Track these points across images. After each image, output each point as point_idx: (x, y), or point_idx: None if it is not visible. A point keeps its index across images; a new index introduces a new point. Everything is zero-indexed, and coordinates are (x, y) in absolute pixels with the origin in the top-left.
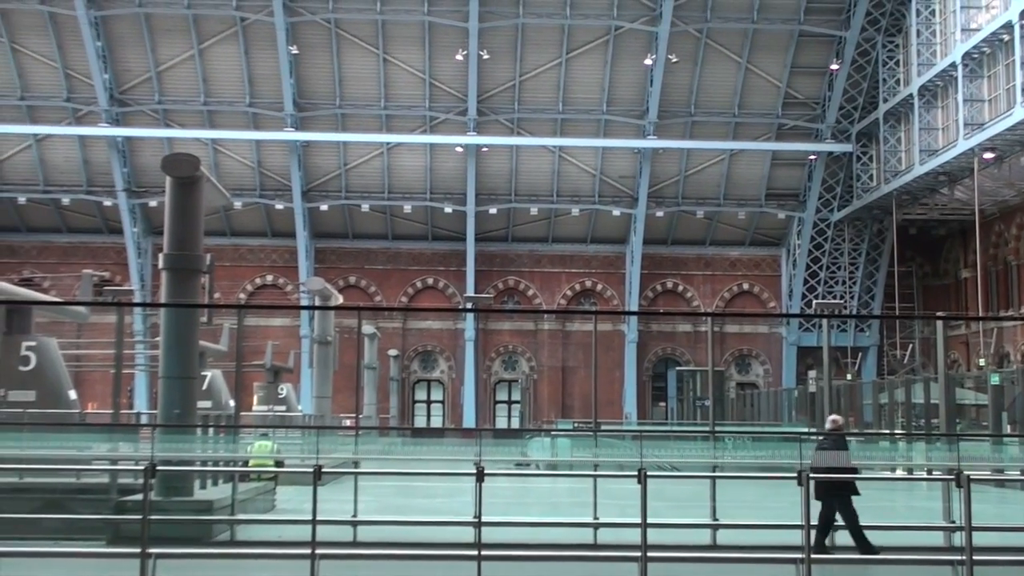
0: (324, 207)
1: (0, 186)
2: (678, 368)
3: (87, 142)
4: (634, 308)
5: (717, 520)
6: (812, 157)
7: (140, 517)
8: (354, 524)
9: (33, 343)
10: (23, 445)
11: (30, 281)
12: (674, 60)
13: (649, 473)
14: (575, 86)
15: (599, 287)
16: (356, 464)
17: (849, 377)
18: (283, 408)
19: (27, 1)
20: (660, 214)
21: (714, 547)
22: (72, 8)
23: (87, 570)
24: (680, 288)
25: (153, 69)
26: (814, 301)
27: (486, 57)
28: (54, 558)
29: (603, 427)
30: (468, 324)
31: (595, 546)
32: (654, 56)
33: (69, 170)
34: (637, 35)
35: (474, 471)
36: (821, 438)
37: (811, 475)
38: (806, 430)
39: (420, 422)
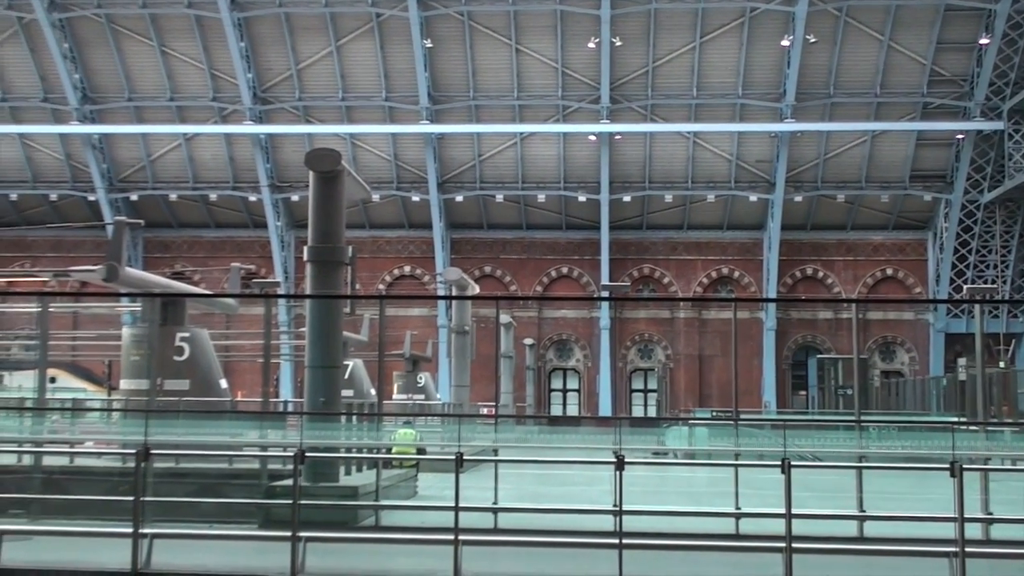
0: (459, 198)
1: (153, 184)
2: (819, 356)
3: (232, 140)
4: (772, 295)
5: (864, 511)
6: (960, 136)
7: (290, 502)
8: (495, 511)
9: (187, 334)
10: (178, 432)
11: (181, 275)
12: (812, 40)
13: (793, 463)
14: (709, 70)
15: (736, 274)
16: (495, 452)
17: (1002, 365)
18: (422, 396)
19: (175, 6)
20: (799, 199)
21: (861, 539)
22: (217, 11)
23: (240, 552)
24: (820, 274)
25: (293, 67)
26: (964, 286)
27: (618, 44)
28: (209, 540)
29: (742, 416)
30: (603, 313)
31: (737, 536)
32: (791, 37)
33: (216, 167)
34: (773, 16)
35: (612, 460)
36: None
37: None
38: (957, 419)
39: (556, 411)
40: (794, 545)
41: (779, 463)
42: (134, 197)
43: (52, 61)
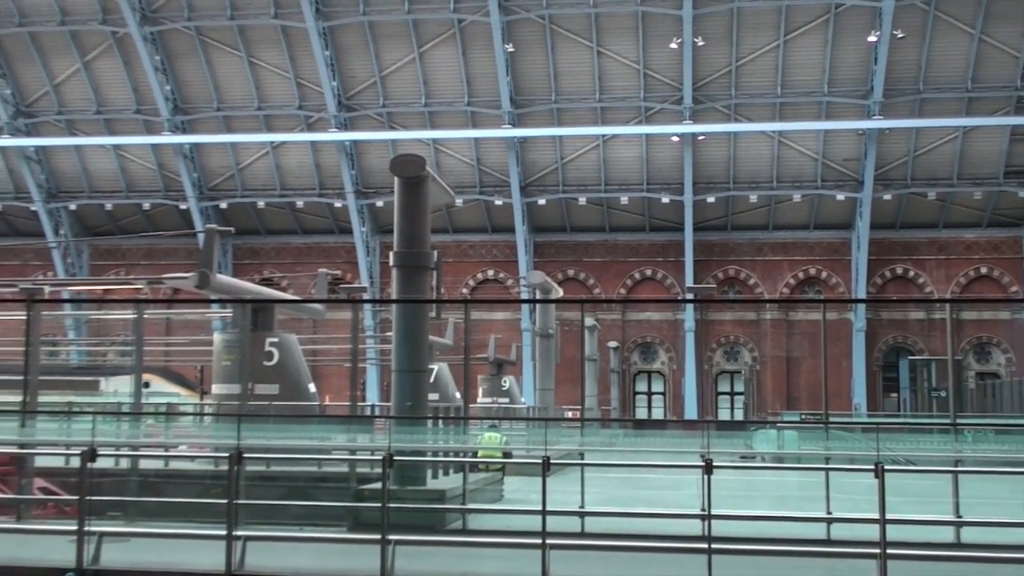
0: (542, 201)
1: (241, 192)
2: (911, 357)
3: (318, 147)
4: (861, 295)
5: (961, 517)
6: None
7: (379, 505)
8: (582, 515)
9: (275, 339)
10: (269, 435)
11: (270, 280)
12: (900, 36)
13: (886, 467)
14: (794, 68)
15: (823, 274)
16: (582, 455)
17: None
18: (506, 400)
19: (262, 16)
20: (888, 197)
21: (958, 545)
22: (302, 20)
23: (330, 554)
24: (911, 274)
25: (377, 74)
26: None
27: (701, 44)
28: (300, 543)
29: (833, 419)
30: (688, 315)
31: (829, 542)
32: (878, 32)
33: (302, 174)
34: (860, 11)
35: (699, 463)
36: None
37: None
38: None
39: (641, 413)
40: (889, 551)
41: (872, 467)
42: (223, 205)
43: (144, 74)
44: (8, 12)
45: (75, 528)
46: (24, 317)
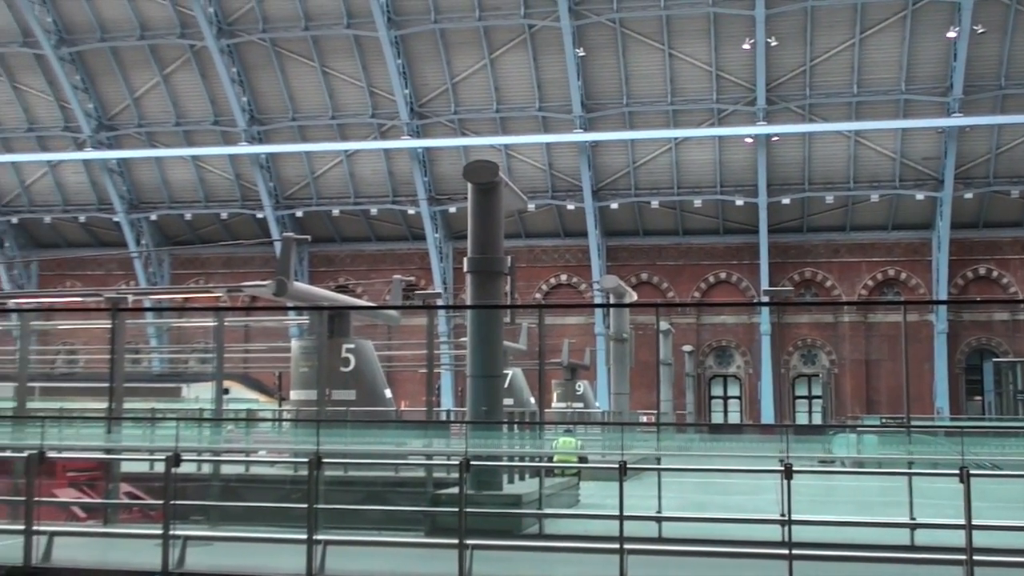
0: (614, 205)
1: (317, 200)
2: (995, 359)
3: (391, 155)
4: (943, 296)
5: None
6: None
7: (455, 509)
8: (659, 520)
9: (352, 345)
10: (346, 441)
11: (345, 288)
12: (980, 31)
13: (972, 471)
14: (870, 66)
15: (903, 276)
16: (658, 460)
17: None
18: (581, 405)
19: (335, 27)
20: (969, 196)
21: None
22: (374, 30)
23: (408, 559)
24: (994, 274)
25: (448, 81)
26: None
27: (774, 44)
28: (378, 547)
29: (915, 422)
30: (764, 318)
31: (912, 548)
32: (957, 28)
33: (376, 182)
34: (938, 7)
35: (777, 468)
36: None
37: None
38: None
39: (717, 418)
40: (975, 557)
41: (957, 472)
42: (299, 213)
43: (221, 85)
44: (90, 28)
45: (160, 532)
46: (109, 326)
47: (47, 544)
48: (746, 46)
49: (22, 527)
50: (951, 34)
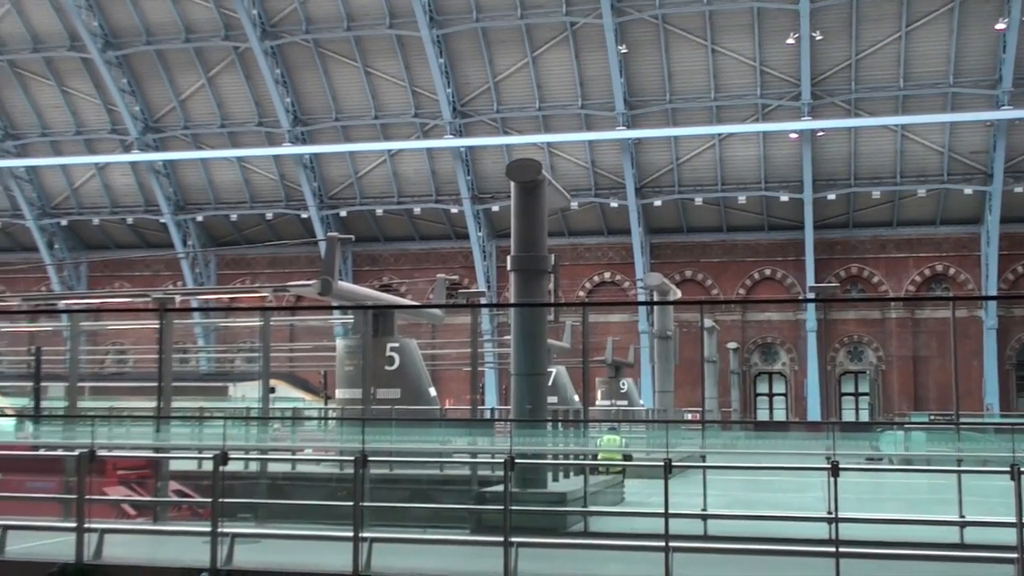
0: (658, 202)
1: (360, 200)
2: None
3: (434, 154)
4: (992, 292)
5: None
6: None
7: (500, 507)
8: (704, 518)
9: (396, 344)
10: (391, 439)
11: (389, 287)
12: None
13: (1023, 469)
14: (917, 59)
15: (951, 271)
16: (703, 458)
17: None
18: (625, 402)
19: (377, 27)
20: (1019, 189)
21: None
22: (417, 29)
23: (453, 556)
24: None
25: (491, 80)
26: None
27: (819, 38)
28: (423, 545)
29: (964, 419)
30: (810, 315)
31: (962, 546)
32: (1007, 19)
33: (419, 181)
34: None
35: (823, 465)
36: None
37: None
38: None
39: (762, 415)
40: None
41: (1007, 469)
42: (343, 213)
43: (265, 87)
44: (136, 31)
45: (209, 529)
46: (157, 326)
47: (98, 541)
48: (790, 40)
49: (74, 525)
50: (1000, 26)
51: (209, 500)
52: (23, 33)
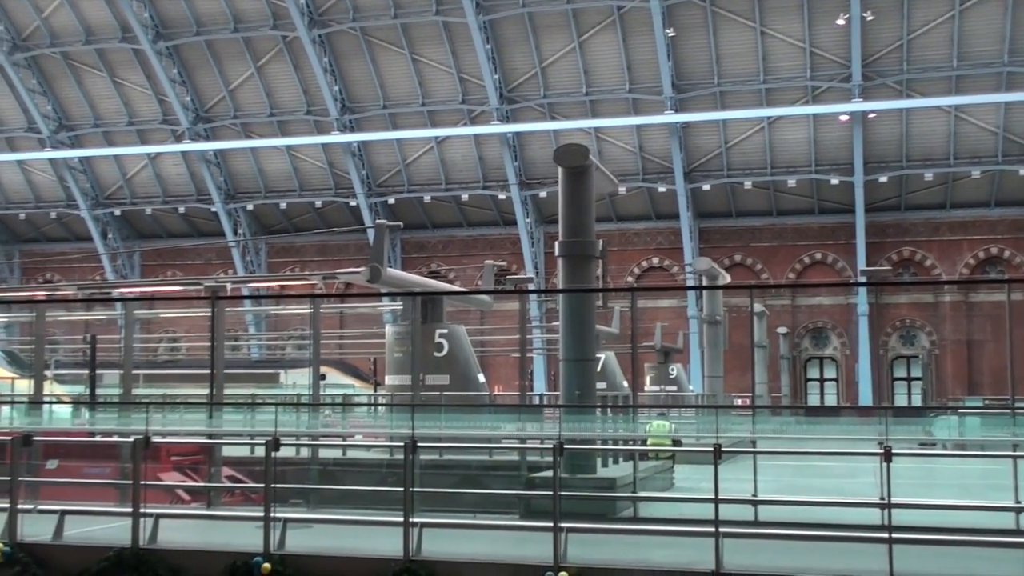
0: (706, 186)
1: (408, 187)
2: None
3: (481, 140)
4: None
5: None
6: None
7: (550, 493)
8: (754, 503)
9: (445, 330)
10: (441, 425)
11: (437, 273)
12: None
13: None
14: (971, 38)
15: (1007, 254)
16: (754, 443)
17: None
18: (674, 388)
19: (424, 14)
20: None
21: None
22: (463, 16)
23: (503, 541)
24: None
25: (537, 65)
26: None
27: (870, 18)
28: (473, 530)
29: (1019, 404)
30: (861, 299)
31: (1018, 532)
32: None
33: (466, 168)
34: None
35: (874, 451)
36: None
37: None
38: None
39: (813, 400)
40: None
41: None
42: (391, 200)
43: (313, 75)
44: (186, 22)
45: (261, 514)
46: (209, 314)
47: (153, 526)
48: (840, 21)
49: (130, 510)
50: None
51: (261, 486)
52: (76, 25)
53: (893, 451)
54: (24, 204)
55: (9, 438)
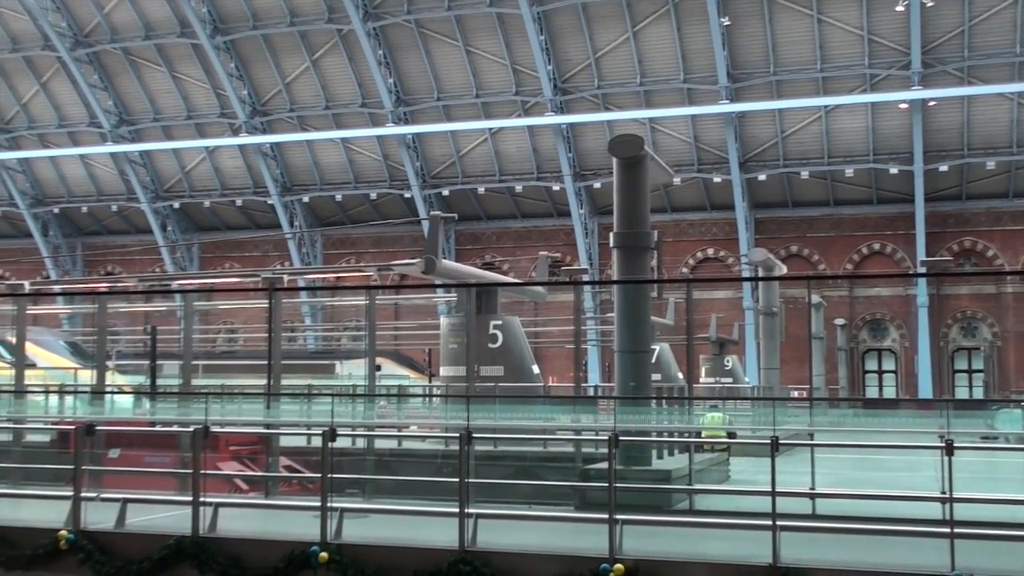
0: (762, 177)
1: (462, 179)
2: None
3: (535, 131)
4: None
5: None
6: None
7: (605, 485)
8: (812, 496)
9: (499, 322)
10: (495, 416)
11: (491, 265)
12: None
13: None
14: None
15: None
16: (811, 436)
17: None
18: (729, 380)
19: (477, 6)
20: None
21: None
22: (517, 7)
23: (558, 533)
24: None
25: (591, 56)
26: None
27: (930, 4)
28: (528, 521)
29: None
30: (921, 290)
31: None
32: None
33: (520, 159)
34: None
35: (935, 444)
36: None
37: None
38: None
39: (871, 393)
40: None
41: None
42: (445, 192)
43: (368, 68)
44: (243, 16)
45: (318, 504)
46: (266, 305)
47: (212, 515)
48: (900, 8)
49: (189, 499)
50: None
51: (318, 475)
52: (135, 21)
53: (955, 444)
54: (86, 198)
55: (73, 427)
